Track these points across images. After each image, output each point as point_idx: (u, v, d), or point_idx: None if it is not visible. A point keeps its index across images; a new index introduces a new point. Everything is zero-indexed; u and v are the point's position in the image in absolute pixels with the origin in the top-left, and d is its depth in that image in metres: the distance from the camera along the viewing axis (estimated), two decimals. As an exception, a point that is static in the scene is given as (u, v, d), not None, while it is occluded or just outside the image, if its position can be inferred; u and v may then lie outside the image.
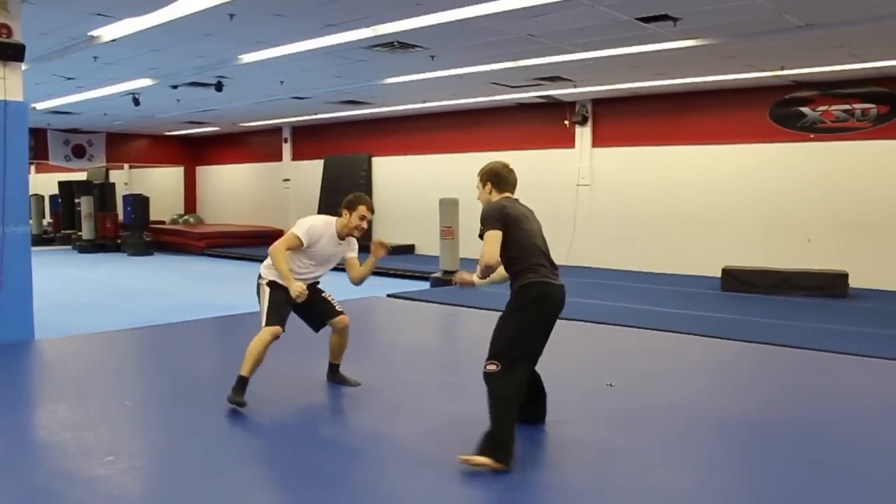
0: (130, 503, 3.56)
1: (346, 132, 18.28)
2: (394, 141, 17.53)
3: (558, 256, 14.50)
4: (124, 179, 25.25)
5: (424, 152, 16.94)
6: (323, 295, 5.33)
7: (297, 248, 4.93)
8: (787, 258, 11.52)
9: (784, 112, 12.03)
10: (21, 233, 7.26)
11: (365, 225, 5.09)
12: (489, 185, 4.27)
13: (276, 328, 4.88)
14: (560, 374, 5.13)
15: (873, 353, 6.86)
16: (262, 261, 5.23)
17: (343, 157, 18.37)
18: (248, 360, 4.83)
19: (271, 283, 5.00)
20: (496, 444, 3.84)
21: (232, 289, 12.79)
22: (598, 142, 14.47)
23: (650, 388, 5.78)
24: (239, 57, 10.05)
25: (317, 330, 5.42)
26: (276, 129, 19.83)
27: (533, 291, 3.98)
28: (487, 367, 3.93)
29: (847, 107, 11.43)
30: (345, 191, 18.54)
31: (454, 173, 16.06)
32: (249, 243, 18.87)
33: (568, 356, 6.39)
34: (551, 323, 4.11)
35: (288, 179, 19.86)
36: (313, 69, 10.95)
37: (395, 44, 9.13)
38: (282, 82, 12.02)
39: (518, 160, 15.02)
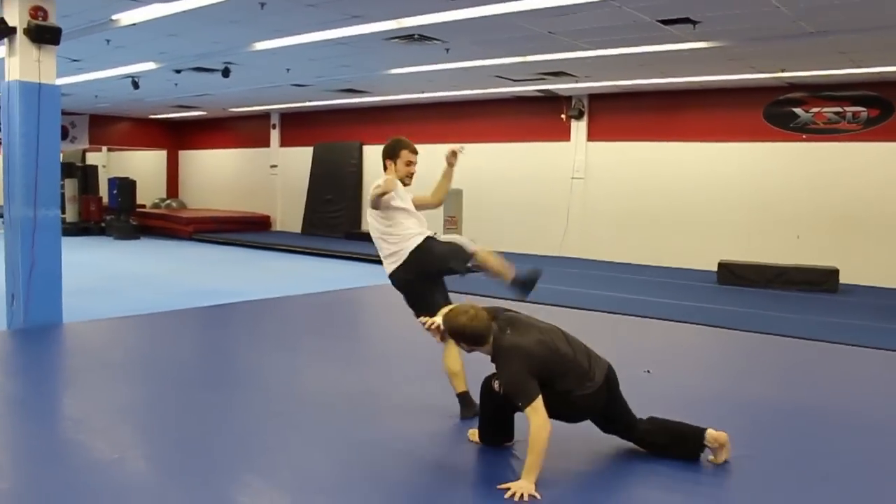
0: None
1: (337, 120, 18.34)
2: (386, 130, 17.40)
3: (551, 247, 14.94)
4: (102, 162, 24.93)
5: (417, 142, 16.95)
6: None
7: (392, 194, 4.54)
8: (778, 254, 11.93)
9: (778, 112, 12.43)
10: (52, 216, 7.28)
11: (413, 169, 4.85)
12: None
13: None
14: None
15: (867, 343, 7.37)
16: (253, 246, 4.88)
17: (333, 145, 18.42)
18: (455, 378, 4.65)
19: (406, 263, 4.51)
20: None
21: (230, 273, 12.91)
22: (593, 136, 14.74)
23: (679, 374, 6.09)
24: (253, 44, 10.11)
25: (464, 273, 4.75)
26: (265, 115, 19.80)
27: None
28: None
29: (839, 109, 11.86)
30: (335, 179, 18.77)
31: (443, 164, 16.23)
32: (238, 229, 18.86)
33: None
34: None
35: (275, 166, 19.85)
36: (323, 58, 11.04)
37: (416, 36, 9.28)
38: (288, 70, 12.08)
39: (513, 152, 15.51)
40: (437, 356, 4.76)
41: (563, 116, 14.90)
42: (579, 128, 14.91)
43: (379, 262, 4.91)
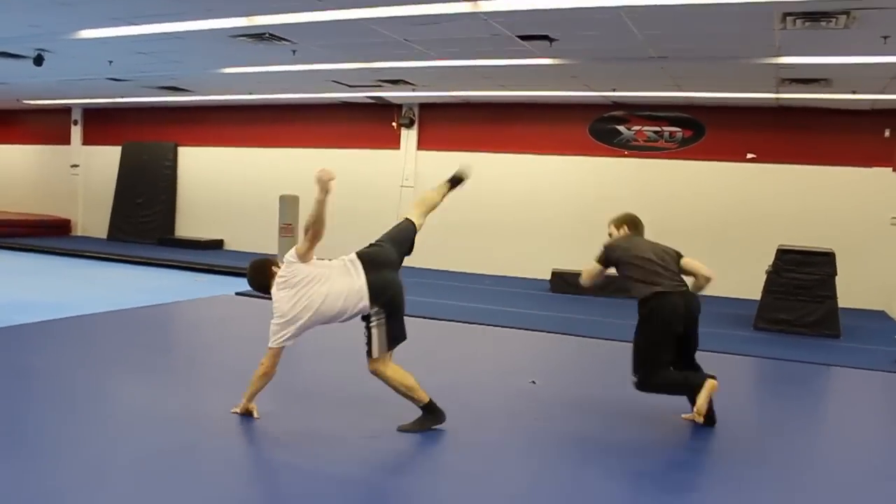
0: None
1: (150, 118, 17.11)
2: (204, 131, 16.70)
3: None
4: None
5: (238, 145, 16.36)
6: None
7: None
8: (605, 263, 12.56)
9: (602, 128, 13.17)
10: None
11: None
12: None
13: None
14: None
15: None
16: (53, 252, 4.54)
17: (145, 145, 17.18)
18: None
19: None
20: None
21: (26, 284, 11.53)
22: (423, 145, 14.83)
23: (562, 383, 6.25)
24: (79, 31, 9.19)
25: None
26: (65, 110, 18.07)
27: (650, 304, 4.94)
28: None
29: (658, 129, 12.78)
30: (148, 181, 17.62)
31: (271, 167, 15.74)
32: (31, 233, 17.05)
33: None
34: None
35: (76, 165, 18.20)
36: (154, 51, 10.24)
37: (266, 35, 8.85)
38: (111, 62, 11.10)
39: (342, 158, 15.26)
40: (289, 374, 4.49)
41: (393, 124, 14.86)
42: (409, 136, 14.95)
43: (213, 271, 4.75)
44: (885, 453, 4.97)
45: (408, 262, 16.17)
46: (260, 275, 4.61)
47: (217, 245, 16.47)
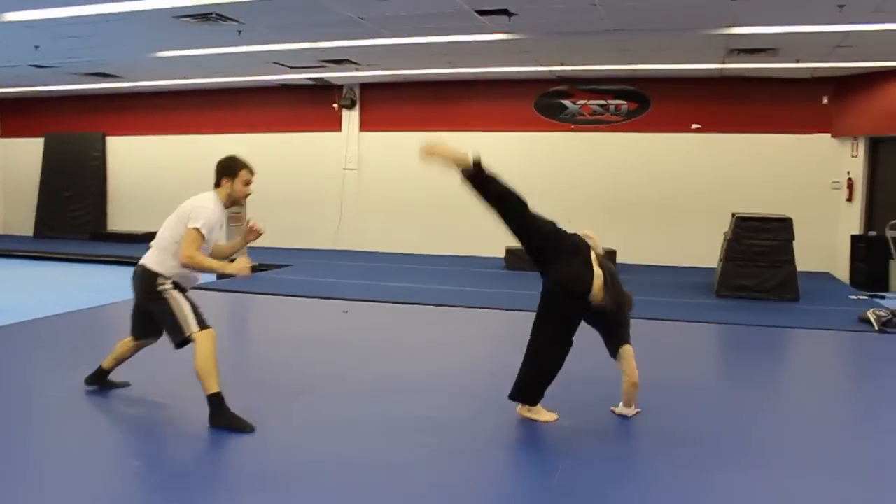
0: None
1: (74, 107, 16.25)
2: (134, 119, 16.00)
3: (325, 241, 14.53)
4: None
5: (172, 132, 15.74)
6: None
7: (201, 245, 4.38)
8: (559, 238, 12.61)
9: (548, 103, 13.17)
10: None
11: (251, 189, 4.72)
12: None
13: (212, 330, 4.36)
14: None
15: (648, 316, 7.56)
16: None
17: (70, 136, 16.37)
18: (209, 377, 4.25)
19: (176, 285, 4.48)
20: None
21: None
22: (365, 126, 14.56)
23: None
24: (2, 15, 8.60)
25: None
26: (-23, 101, 17.10)
27: None
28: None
29: (603, 102, 12.84)
30: (75, 173, 16.75)
31: (208, 154, 14.85)
32: (-52, 234, 16.17)
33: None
34: None
35: (-6, 159, 17.30)
36: (87, 35, 9.69)
37: (213, 15, 8.46)
38: (37, 47, 10.47)
39: (282, 143, 14.85)
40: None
41: (335, 106, 14.53)
42: (351, 117, 14.65)
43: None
44: (871, 407, 5.08)
45: (357, 245, 16.00)
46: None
47: (154, 238, 15.84)
